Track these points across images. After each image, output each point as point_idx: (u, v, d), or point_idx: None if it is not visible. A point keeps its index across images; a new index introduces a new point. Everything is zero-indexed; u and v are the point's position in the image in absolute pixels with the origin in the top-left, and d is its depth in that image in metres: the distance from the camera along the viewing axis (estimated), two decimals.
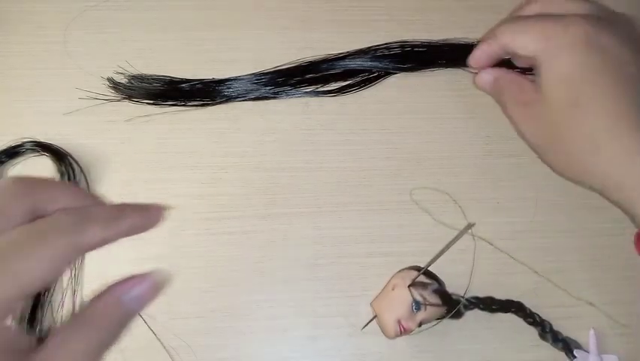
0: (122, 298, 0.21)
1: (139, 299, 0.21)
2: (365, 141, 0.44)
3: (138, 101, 0.44)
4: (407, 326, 0.37)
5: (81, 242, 0.20)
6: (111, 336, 0.20)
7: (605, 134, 0.33)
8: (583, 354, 0.39)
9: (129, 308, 0.21)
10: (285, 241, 0.41)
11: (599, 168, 0.34)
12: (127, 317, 0.21)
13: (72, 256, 0.19)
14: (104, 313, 0.21)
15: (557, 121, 0.35)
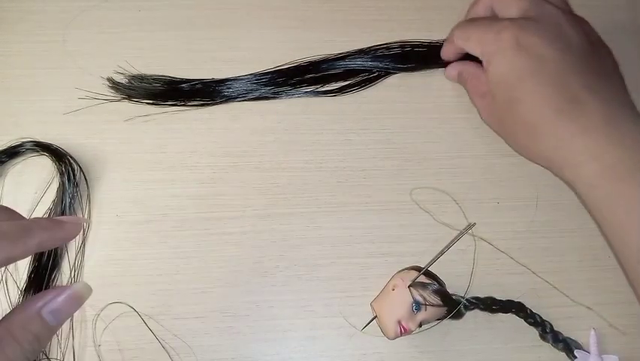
0: (41, 312, 0.20)
1: (58, 313, 0.21)
2: (365, 141, 0.44)
3: (138, 101, 0.44)
4: (407, 327, 0.37)
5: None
6: (29, 352, 0.20)
7: (540, 125, 0.37)
8: (583, 354, 0.39)
9: (47, 322, 0.20)
10: (284, 241, 0.41)
11: (542, 153, 0.38)
12: (46, 331, 0.20)
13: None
14: (22, 329, 0.20)
15: (502, 114, 0.40)
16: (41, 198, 0.41)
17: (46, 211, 0.40)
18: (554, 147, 0.37)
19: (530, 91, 0.37)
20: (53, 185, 0.41)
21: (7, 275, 0.39)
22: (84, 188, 0.41)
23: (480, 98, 0.43)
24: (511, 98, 0.38)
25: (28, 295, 0.38)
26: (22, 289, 0.38)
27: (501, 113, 0.40)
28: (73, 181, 0.40)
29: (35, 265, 0.39)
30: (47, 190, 0.41)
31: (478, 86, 0.42)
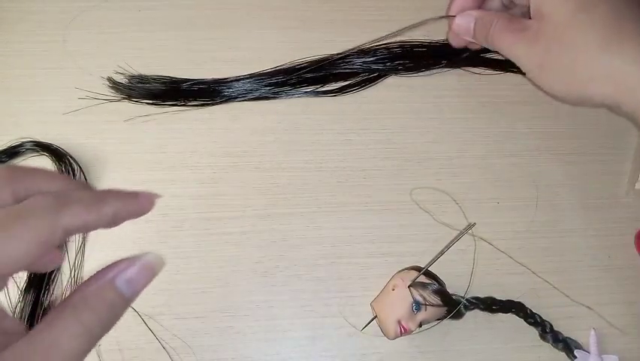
0: (114, 282, 0.20)
1: (132, 283, 0.20)
2: (365, 141, 0.44)
3: (138, 101, 0.44)
4: (407, 327, 0.37)
5: (59, 224, 0.19)
6: (104, 321, 0.20)
7: (616, 33, 0.33)
8: (583, 354, 0.39)
9: (122, 292, 0.20)
10: (284, 241, 0.41)
11: (610, 70, 0.33)
12: (120, 301, 0.20)
13: (50, 237, 0.19)
14: (97, 296, 0.20)
15: (560, 34, 0.35)
16: None
17: None
18: (632, 61, 0.33)
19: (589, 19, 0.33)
20: None
21: None
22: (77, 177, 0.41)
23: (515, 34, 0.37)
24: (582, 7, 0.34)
25: (28, 295, 0.38)
26: (22, 289, 0.38)
27: (557, 34, 0.35)
28: None
29: None
30: None
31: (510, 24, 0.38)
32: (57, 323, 0.19)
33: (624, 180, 0.45)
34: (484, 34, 0.39)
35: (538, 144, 0.45)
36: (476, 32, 0.40)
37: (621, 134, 0.46)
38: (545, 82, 0.37)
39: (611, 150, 0.46)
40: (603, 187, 0.45)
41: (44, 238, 0.19)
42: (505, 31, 0.38)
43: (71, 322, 0.19)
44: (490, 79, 0.47)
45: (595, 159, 0.45)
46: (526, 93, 0.47)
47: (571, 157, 0.45)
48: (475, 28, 0.39)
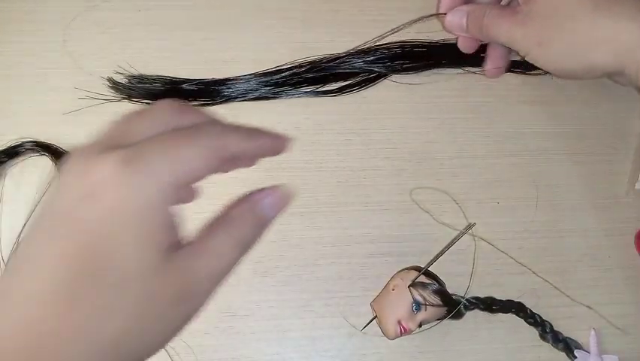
0: (258, 204, 0.24)
1: (272, 206, 0.24)
2: (365, 141, 0.44)
3: (138, 101, 0.44)
4: (407, 327, 0.37)
5: (224, 146, 0.23)
6: (251, 236, 0.23)
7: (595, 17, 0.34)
8: (583, 354, 0.39)
9: (265, 213, 0.24)
10: (284, 241, 0.41)
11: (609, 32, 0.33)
12: (263, 221, 0.24)
13: (217, 155, 0.22)
14: (245, 215, 0.24)
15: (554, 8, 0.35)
16: (41, 199, 0.41)
17: None
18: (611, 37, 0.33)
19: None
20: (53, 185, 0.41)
21: None
22: None
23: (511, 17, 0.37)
24: None
25: None
26: None
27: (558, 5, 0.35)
28: None
29: None
30: (47, 190, 0.41)
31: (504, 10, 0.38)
32: (214, 237, 0.23)
33: (624, 180, 0.45)
34: (477, 26, 0.39)
35: (538, 144, 0.45)
36: (469, 26, 0.40)
37: (621, 135, 0.46)
38: (548, 58, 0.37)
39: (611, 150, 0.46)
40: (603, 187, 0.45)
41: (212, 156, 0.22)
42: (498, 19, 0.38)
43: (225, 236, 0.23)
44: (490, 79, 0.47)
45: (595, 159, 0.45)
46: (527, 93, 0.47)
47: (571, 157, 0.45)
48: (468, 22, 0.40)
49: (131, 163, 0.20)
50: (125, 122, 0.23)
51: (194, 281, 0.22)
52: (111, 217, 0.20)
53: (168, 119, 0.23)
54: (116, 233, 0.20)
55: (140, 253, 0.20)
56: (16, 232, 0.40)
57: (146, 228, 0.20)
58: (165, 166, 0.21)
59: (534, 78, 0.47)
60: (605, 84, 0.47)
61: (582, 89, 0.47)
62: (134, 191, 0.20)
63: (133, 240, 0.20)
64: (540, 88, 0.47)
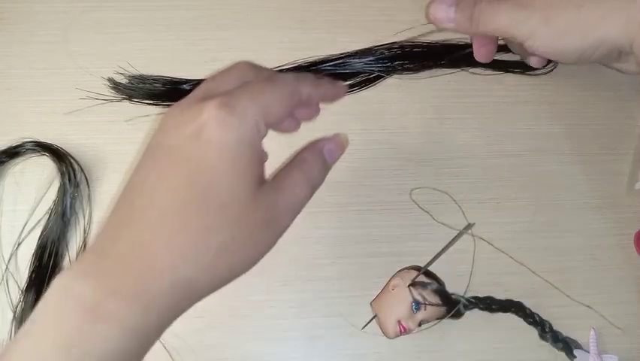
0: (324, 150, 0.29)
1: (332, 152, 0.29)
2: (365, 141, 0.44)
3: (138, 102, 0.44)
4: (407, 326, 0.37)
5: (298, 90, 0.27)
6: (319, 177, 0.28)
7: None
8: (583, 354, 0.39)
9: (327, 158, 0.29)
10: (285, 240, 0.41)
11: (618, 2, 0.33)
12: (327, 165, 0.29)
13: (293, 98, 0.26)
14: (314, 158, 0.28)
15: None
16: (42, 199, 0.41)
17: (46, 211, 0.40)
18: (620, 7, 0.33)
19: None
20: (54, 185, 0.41)
21: (8, 275, 0.39)
22: (85, 188, 0.41)
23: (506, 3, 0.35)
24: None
25: (29, 295, 0.38)
26: (23, 289, 0.38)
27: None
28: (74, 181, 0.40)
29: (36, 265, 0.39)
30: (48, 190, 0.41)
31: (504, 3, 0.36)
32: (291, 176, 0.27)
33: (624, 180, 0.45)
34: (467, 15, 0.36)
35: (538, 144, 0.45)
36: (458, 17, 0.36)
37: (621, 135, 0.46)
38: (554, 38, 0.35)
39: (611, 150, 0.46)
40: (603, 187, 0.45)
41: (291, 97, 0.26)
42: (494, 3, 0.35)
43: (299, 175, 0.27)
44: (490, 79, 0.47)
45: (595, 159, 0.45)
46: (526, 93, 0.47)
47: (571, 157, 0.45)
48: (457, 11, 0.36)
49: (228, 106, 0.23)
50: (212, 79, 0.27)
51: (277, 211, 0.26)
52: (214, 153, 0.23)
53: (247, 73, 0.27)
54: (218, 166, 0.23)
55: (237, 183, 0.24)
56: (16, 232, 0.40)
57: (242, 161, 0.24)
58: (255, 108, 0.24)
59: (534, 78, 0.47)
60: (605, 84, 0.47)
61: (582, 90, 0.47)
62: (232, 130, 0.23)
63: (232, 171, 0.23)
64: (540, 88, 0.47)
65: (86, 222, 0.41)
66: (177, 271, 0.23)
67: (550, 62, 0.46)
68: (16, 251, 0.40)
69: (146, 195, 0.24)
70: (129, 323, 0.21)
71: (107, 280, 0.22)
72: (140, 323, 0.22)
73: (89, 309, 0.21)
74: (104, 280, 0.22)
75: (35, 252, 0.39)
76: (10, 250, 0.40)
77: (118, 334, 0.21)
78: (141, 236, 0.23)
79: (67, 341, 0.20)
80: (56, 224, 0.39)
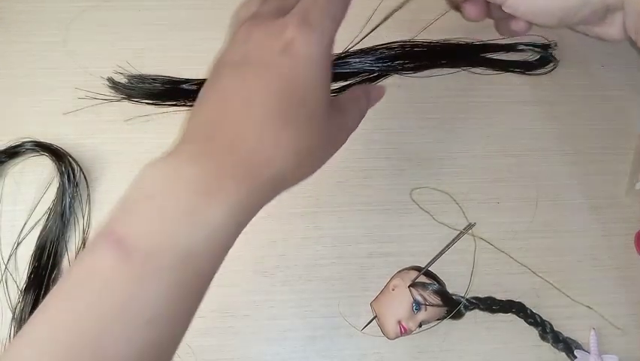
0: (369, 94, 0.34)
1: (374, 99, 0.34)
2: (365, 141, 0.44)
3: (138, 101, 0.44)
4: (407, 327, 0.37)
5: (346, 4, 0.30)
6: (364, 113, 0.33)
7: None
8: (583, 354, 0.39)
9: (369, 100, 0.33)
10: (285, 241, 0.41)
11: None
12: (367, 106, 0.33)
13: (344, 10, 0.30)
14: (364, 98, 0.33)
15: None
16: (41, 198, 0.41)
17: (46, 211, 0.40)
18: None
19: None
20: (53, 185, 0.41)
21: (7, 275, 0.39)
22: (84, 188, 0.41)
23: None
24: None
25: (28, 295, 0.38)
26: (22, 290, 0.38)
27: None
28: (74, 181, 0.40)
29: (35, 265, 0.39)
30: (47, 190, 0.41)
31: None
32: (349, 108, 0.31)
33: (624, 180, 0.45)
34: None
35: (539, 144, 0.45)
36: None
37: (621, 135, 0.46)
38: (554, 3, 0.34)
39: (611, 150, 0.46)
40: (603, 187, 0.45)
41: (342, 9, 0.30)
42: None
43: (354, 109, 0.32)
44: (490, 79, 0.47)
45: (595, 159, 0.45)
46: (526, 93, 0.47)
47: (571, 157, 0.45)
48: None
49: (309, 23, 0.26)
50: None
51: (340, 130, 0.31)
52: (302, 66, 0.26)
53: None
54: (307, 78, 0.26)
55: (322, 94, 0.27)
56: (15, 232, 0.40)
57: (324, 73, 0.27)
58: (329, 23, 0.27)
59: (534, 78, 0.47)
60: (605, 84, 0.47)
61: (582, 90, 0.47)
62: (316, 46, 0.26)
63: (317, 83, 0.27)
64: (540, 88, 0.47)
65: (85, 222, 0.41)
66: (279, 162, 0.26)
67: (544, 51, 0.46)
68: (15, 251, 0.40)
69: (242, 98, 0.26)
70: (234, 202, 0.24)
71: (216, 163, 0.24)
72: (243, 204, 0.24)
73: (203, 187, 0.23)
74: (212, 164, 0.24)
75: (34, 252, 0.39)
76: (9, 250, 0.40)
77: (226, 210, 0.24)
78: (247, 130, 0.25)
79: (189, 209, 0.23)
80: (55, 224, 0.39)
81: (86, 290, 0.22)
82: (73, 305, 0.22)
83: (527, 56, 0.48)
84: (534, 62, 0.47)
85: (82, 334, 0.21)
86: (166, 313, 0.23)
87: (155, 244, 0.22)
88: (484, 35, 0.48)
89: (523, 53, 0.48)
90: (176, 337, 0.25)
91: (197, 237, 0.23)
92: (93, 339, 0.21)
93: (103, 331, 0.21)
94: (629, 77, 0.48)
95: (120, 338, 0.21)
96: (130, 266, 0.22)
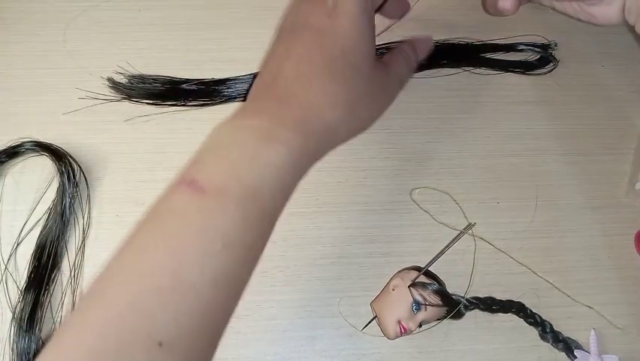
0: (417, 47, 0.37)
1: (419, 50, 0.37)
2: (365, 141, 0.44)
3: (138, 101, 0.44)
4: (407, 327, 0.37)
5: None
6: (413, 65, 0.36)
7: None
8: (583, 354, 0.39)
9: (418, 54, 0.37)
10: (284, 241, 0.41)
11: None
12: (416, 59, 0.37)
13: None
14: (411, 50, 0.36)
15: None
16: (41, 198, 0.41)
17: (46, 211, 0.40)
18: None
19: None
20: (53, 185, 0.41)
21: (7, 275, 0.39)
22: (84, 188, 0.41)
23: None
24: None
25: (28, 295, 0.38)
26: (22, 289, 0.38)
27: None
28: (74, 181, 0.40)
29: (35, 265, 0.39)
30: (47, 190, 0.41)
31: None
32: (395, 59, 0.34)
33: (624, 180, 0.45)
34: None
35: (538, 144, 0.45)
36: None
37: (621, 135, 0.46)
38: None
39: (611, 150, 0.46)
40: (603, 187, 0.45)
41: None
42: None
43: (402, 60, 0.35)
44: (490, 79, 0.47)
45: (595, 159, 0.45)
46: (526, 93, 0.47)
47: (571, 157, 0.45)
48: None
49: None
50: None
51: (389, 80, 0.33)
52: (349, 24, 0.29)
53: None
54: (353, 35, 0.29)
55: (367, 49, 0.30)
56: (15, 232, 0.40)
57: (368, 28, 0.30)
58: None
59: (534, 78, 0.47)
60: (605, 84, 0.47)
61: (582, 90, 0.47)
62: (361, 4, 0.30)
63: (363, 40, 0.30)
64: (540, 88, 0.47)
65: (85, 222, 0.41)
66: (329, 111, 0.28)
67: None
68: (15, 251, 0.40)
69: (293, 58, 0.29)
70: (292, 148, 0.27)
71: (274, 115, 0.28)
72: (300, 150, 0.27)
73: (264, 134, 0.27)
74: (271, 115, 0.28)
75: (34, 252, 0.39)
76: (9, 249, 0.40)
77: (285, 154, 0.27)
78: (299, 85, 0.28)
79: (253, 153, 0.26)
80: (55, 224, 0.39)
81: (164, 224, 0.25)
82: (154, 239, 0.24)
83: (527, 56, 0.48)
84: (534, 62, 0.47)
85: (162, 265, 0.23)
86: (237, 242, 0.25)
87: (224, 181, 0.25)
88: (484, 35, 0.48)
89: (523, 53, 0.48)
90: (244, 271, 0.26)
91: (261, 177, 0.26)
92: (172, 265, 0.23)
93: (182, 256, 0.24)
94: (629, 77, 0.48)
95: (195, 265, 0.23)
96: (202, 201, 0.25)
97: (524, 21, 0.48)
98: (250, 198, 0.25)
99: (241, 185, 0.25)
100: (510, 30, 0.48)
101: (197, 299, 0.23)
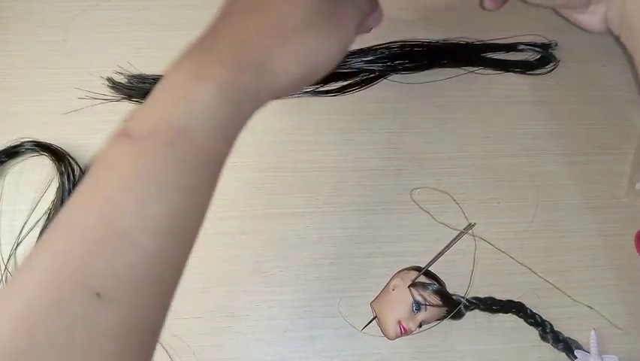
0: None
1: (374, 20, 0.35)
2: (365, 141, 0.44)
3: (138, 101, 0.44)
4: (407, 327, 0.37)
5: None
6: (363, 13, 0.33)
7: None
8: (584, 354, 0.39)
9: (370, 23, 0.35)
10: (284, 241, 0.41)
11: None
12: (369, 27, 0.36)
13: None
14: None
15: None
16: (41, 198, 0.41)
17: (46, 211, 0.40)
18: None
19: None
20: (53, 185, 0.41)
21: (7, 275, 0.39)
22: None
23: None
24: None
25: None
26: None
27: None
28: (73, 181, 0.40)
29: None
30: (47, 190, 0.41)
31: None
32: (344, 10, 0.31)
33: (624, 180, 0.45)
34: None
35: (539, 144, 0.45)
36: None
37: (621, 135, 0.46)
38: None
39: (611, 150, 0.45)
40: (603, 187, 0.45)
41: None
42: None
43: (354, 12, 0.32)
44: (490, 79, 0.47)
45: (595, 159, 0.45)
46: (526, 93, 0.47)
47: (571, 157, 0.45)
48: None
49: None
50: None
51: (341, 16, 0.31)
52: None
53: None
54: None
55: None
56: (15, 232, 0.40)
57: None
58: None
59: (534, 78, 0.47)
60: (604, 84, 0.47)
61: (582, 90, 0.47)
62: None
63: None
64: (540, 88, 0.47)
65: None
66: (256, 44, 0.27)
67: None
68: (15, 251, 0.40)
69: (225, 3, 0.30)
70: (222, 81, 0.26)
71: (204, 55, 0.27)
72: (233, 83, 0.26)
73: (193, 73, 0.26)
74: (202, 55, 0.27)
75: None
76: (9, 249, 0.40)
77: (215, 89, 0.26)
78: (230, 22, 0.29)
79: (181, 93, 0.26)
80: None
81: (98, 177, 0.25)
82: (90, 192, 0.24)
83: (527, 55, 0.48)
84: (534, 62, 0.47)
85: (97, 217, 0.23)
86: (173, 185, 0.24)
87: (154, 125, 0.25)
88: (484, 35, 0.48)
89: (524, 52, 0.48)
90: (189, 218, 0.26)
91: (190, 116, 0.25)
92: (106, 214, 0.23)
93: (115, 204, 0.23)
94: (629, 77, 0.48)
95: (131, 214, 0.23)
96: (133, 146, 0.25)
97: (525, 21, 0.48)
98: (181, 139, 0.25)
99: (171, 126, 0.25)
100: (510, 30, 0.48)
101: (135, 249, 0.23)
